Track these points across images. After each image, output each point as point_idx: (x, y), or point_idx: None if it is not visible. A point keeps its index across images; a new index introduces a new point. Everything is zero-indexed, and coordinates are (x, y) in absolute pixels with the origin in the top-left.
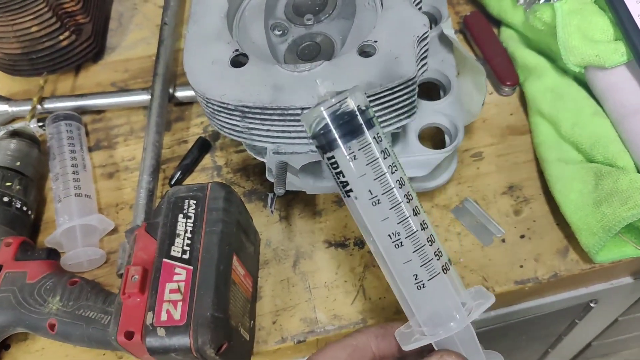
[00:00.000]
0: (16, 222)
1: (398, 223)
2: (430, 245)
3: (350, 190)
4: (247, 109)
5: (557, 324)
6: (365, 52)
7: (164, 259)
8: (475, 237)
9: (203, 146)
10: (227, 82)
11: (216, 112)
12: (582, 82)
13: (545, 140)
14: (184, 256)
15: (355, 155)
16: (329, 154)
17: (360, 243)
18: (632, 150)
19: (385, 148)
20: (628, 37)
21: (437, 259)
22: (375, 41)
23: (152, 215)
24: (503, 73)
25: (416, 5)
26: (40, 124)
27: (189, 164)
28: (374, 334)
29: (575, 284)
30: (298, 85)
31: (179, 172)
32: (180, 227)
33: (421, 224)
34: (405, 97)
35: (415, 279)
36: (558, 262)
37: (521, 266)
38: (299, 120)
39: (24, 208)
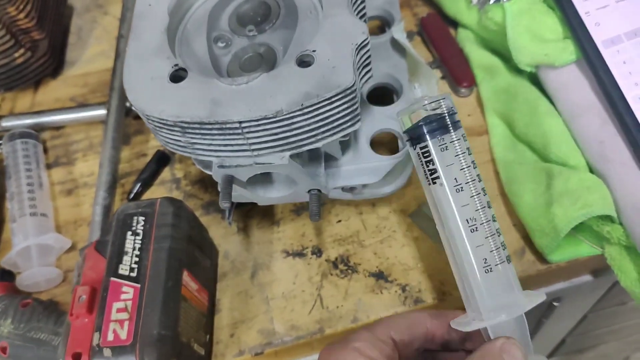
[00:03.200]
0: None
1: (476, 210)
2: (498, 236)
3: (437, 177)
4: (185, 125)
5: None
6: (303, 62)
7: (112, 278)
8: (433, 241)
9: (162, 159)
10: (165, 97)
11: (158, 128)
12: (536, 81)
13: (501, 140)
14: (131, 274)
15: (446, 147)
16: (422, 144)
17: (317, 251)
18: (583, 149)
19: (468, 147)
20: (575, 36)
21: (503, 249)
22: (314, 51)
23: (102, 233)
24: (459, 74)
25: (358, 12)
26: None
27: (147, 178)
28: (428, 313)
29: (534, 284)
30: (236, 99)
31: (138, 186)
32: (129, 245)
33: (492, 217)
34: (345, 106)
35: (484, 263)
36: (515, 263)
37: None
38: (239, 134)
39: None
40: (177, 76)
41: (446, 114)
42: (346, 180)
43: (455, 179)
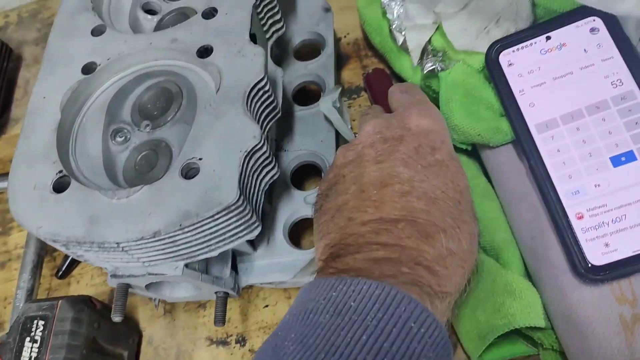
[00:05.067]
0: None
1: None
2: None
3: None
4: (64, 243)
5: None
6: (189, 173)
7: None
8: None
9: None
10: (45, 211)
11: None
12: (477, 154)
13: None
14: None
15: None
16: None
17: (242, 340)
18: (517, 240)
19: None
20: (508, 117)
21: None
22: (201, 159)
23: (7, 333)
24: None
25: (261, 104)
26: None
27: None
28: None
29: None
30: (115, 216)
31: (67, 263)
32: (26, 353)
33: None
34: (234, 220)
35: None
36: None
37: None
38: (120, 251)
39: None
40: (61, 184)
41: None
42: (259, 278)
43: None
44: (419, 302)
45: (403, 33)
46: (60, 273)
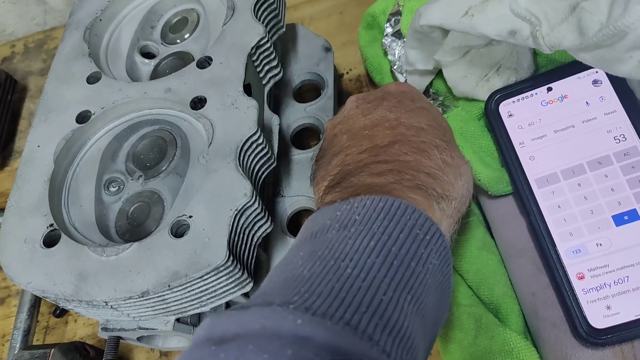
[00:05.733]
0: None
1: None
2: None
3: None
4: (53, 299)
5: None
6: (179, 230)
7: None
8: None
9: None
10: (34, 266)
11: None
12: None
13: None
14: None
15: None
16: None
17: None
18: (518, 296)
19: None
20: (507, 170)
21: None
22: (191, 216)
23: None
24: None
25: (255, 156)
26: None
27: None
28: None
29: None
30: (104, 274)
31: None
32: None
33: None
34: (223, 279)
35: None
36: None
37: None
38: (111, 307)
39: None
40: (52, 237)
41: None
42: None
43: None
44: (422, 211)
45: (404, 74)
46: (58, 312)
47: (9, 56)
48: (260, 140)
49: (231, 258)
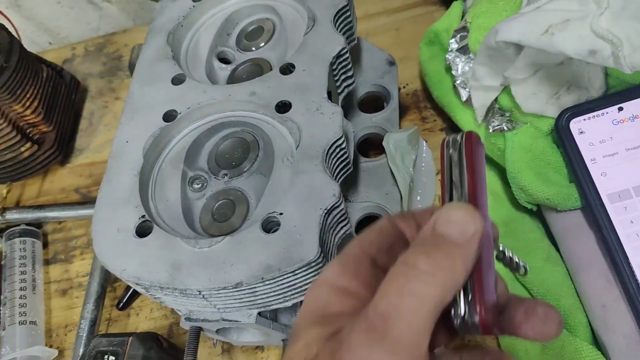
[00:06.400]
0: None
1: None
2: None
3: None
4: (146, 286)
5: None
6: (269, 226)
7: None
8: None
9: None
10: (128, 254)
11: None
12: (541, 214)
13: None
14: None
15: None
16: None
17: None
18: (586, 308)
19: None
20: (579, 185)
21: None
22: (281, 213)
23: None
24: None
25: (338, 161)
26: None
27: None
28: (395, 216)
29: None
30: (197, 264)
31: (128, 295)
32: None
33: None
34: (312, 274)
35: None
36: None
37: None
38: (202, 297)
39: None
40: (144, 228)
41: None
42: None
43: None
44: None
45: (467, 89)
46: (121, 304)
47: (70, 58)
48: (343, 145)
49: (321, 254)
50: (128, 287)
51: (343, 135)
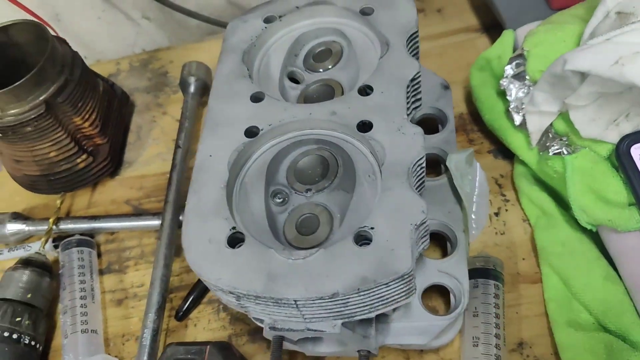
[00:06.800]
0: (24, 359)
1: None
2: None
3: None
4: (241, 295)
5: None
6: (361, 240)
7: None
8: None
9: None
10: (222, 264)
11: (214, 289)
12: (597, 237)
13: (556, 296)
14: None
15: None
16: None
17: None
18: None
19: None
20: None
21: None
22: (372, 228)
23: None
24: None
25: (418, 181)
26: (55, 243)
27: (196, 298)
28: None
29: None
30: (292, 275)
31: (186, 306)
32: None
33: None
34: (402, 286)
35: None
36: None
37: None
38: (294, 307)
39: (33, 342)
40: (234, 240)
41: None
42: (395, 339)
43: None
44: None
45: (521, 114)
46: (180, 315)
47: (115, 73)
48: (424, 164)
49: (414, 267)
50: (186, 298)
51: (424, 155)
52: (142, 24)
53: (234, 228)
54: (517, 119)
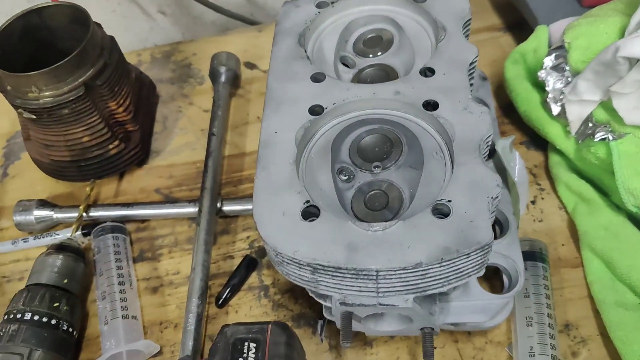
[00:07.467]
0: (62, 346)
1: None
2: None
3: None
4: (320, 267)
5: None
6: (440, 212)
7: None
8: None
9: (250, 265)
10: (298, 237)
11: (285, 264)
12: (636, 219)
13: (600, 278)
14: None
15: None
16: None
17: None
18: None
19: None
20: None
21: None
22: (449, 201)
23: (209, 354)
24: None
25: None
26: (84, 231)
27: (236, 284)
28: None
29: None
30: (373, 246)
31: (227, 293)
32: None
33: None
34: (480, 258)
35: None
36: None
37: None
38: (372, 279)
39: (70, 329)
40: (309, 214)
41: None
42: (456, 317)
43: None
44: None
45: (559, 104)
46: (220, 302)
47: (136, 64)
48: (490, 142)
49: (494, 239)
50: (227, 285)
51: (492, 132)
52: (157, 19)
53: (307, 202)
54: (555, 109)
